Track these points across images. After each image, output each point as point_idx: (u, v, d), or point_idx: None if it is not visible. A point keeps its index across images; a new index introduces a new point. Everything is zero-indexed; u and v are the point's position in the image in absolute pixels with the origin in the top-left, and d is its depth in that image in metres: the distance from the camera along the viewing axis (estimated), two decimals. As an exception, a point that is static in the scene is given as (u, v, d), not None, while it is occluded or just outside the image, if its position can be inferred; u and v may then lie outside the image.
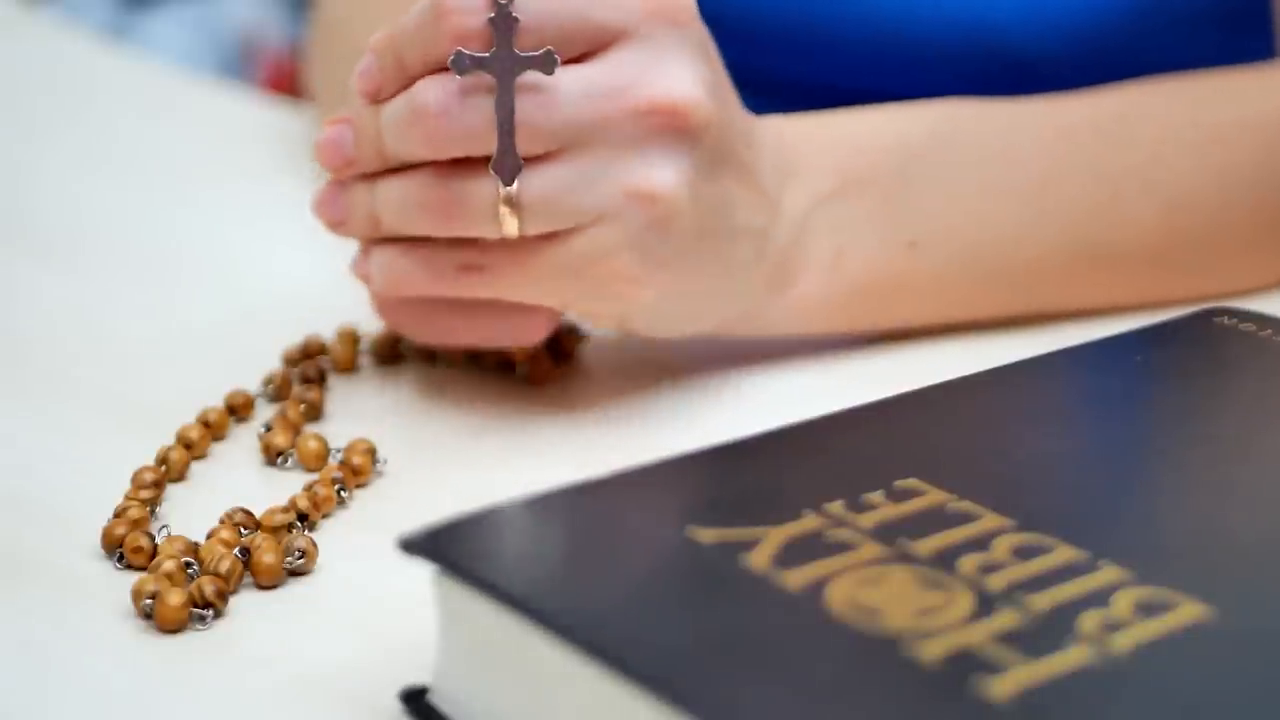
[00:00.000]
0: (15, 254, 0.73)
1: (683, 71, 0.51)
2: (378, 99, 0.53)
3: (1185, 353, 0.51)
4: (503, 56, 0.50)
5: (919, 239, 0.58)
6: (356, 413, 0.57)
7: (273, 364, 0.60)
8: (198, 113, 0.93)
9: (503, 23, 0.50)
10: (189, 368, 0.61)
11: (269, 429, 0.54)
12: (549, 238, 0.51)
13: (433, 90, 0.50)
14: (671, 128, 0.51)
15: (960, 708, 0.33)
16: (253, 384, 0.58)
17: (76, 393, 0.59)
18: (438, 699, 0.40)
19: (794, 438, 0.45)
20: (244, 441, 0.55)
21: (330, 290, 0.62)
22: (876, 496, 0.41)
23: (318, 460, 0.53)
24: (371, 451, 0.53)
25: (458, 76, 0.50)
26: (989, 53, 0.67)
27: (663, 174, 0.51)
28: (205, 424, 0.55)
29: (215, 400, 0.56)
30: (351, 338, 0.60)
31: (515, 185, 0.50)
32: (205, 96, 0.97)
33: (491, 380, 0.59)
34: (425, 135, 0.51)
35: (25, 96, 0.96)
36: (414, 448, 0.54)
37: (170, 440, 0.53)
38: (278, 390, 0.58)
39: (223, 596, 0.45)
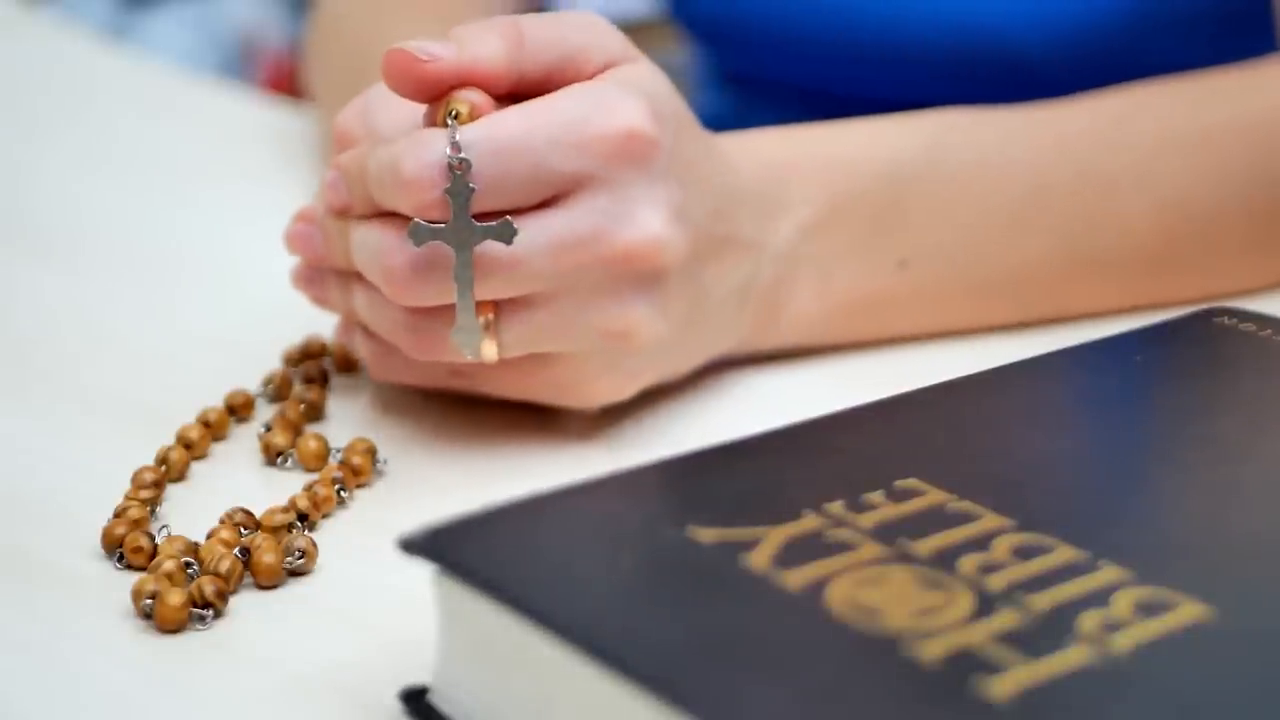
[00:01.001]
0: (15, 254, 0.73)
1: (648, 212, 0.50)
2: (344, 216, 0.53)
3: (1185, 353, 0.51)
4: (460, 229, 0.49)
5: (909, 258, 0.58)
6: (357, 413, 0.57)
7: (273, 364, 0.60)
8: (198, 113, 0.93)
9: (459, 195, 0.49)
10: (189, 368, 0.61)
11: (269, 429, 0.54)
12: (532, 356, 0.52)
13: (396, 254, 0.50)
14: (641, 272, 0.50)
15: (960, 708, 0.33)
16: (253, 384, 0.58)
17: (76, 393, 0.59)
18: (438, 699, 0.40)
19: (794, 438, 0.45)
20: (244, 441, 0.55)
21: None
22: (876, 496, 0.41)
23: (318, 460, 0.53)
24: (371, 451, 0.53)
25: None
26: (985, 56, 0.67)
27: (635, 312, 0.51)
28: (205, 424, 0.55)
29: (215, 400, 0.56)
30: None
31: (491, 318, 0.51)
32: (205, 96, 0.97)
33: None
34: (393, 293, 0.51)
35: (25, 96, 0.96)
36: (414, 448, 0.54)
37: (170, 440, 0.53)
38: (278, 390, 0.58)
39: (223, 596, 0.45)
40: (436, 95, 0.50)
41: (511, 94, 0.51)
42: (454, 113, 0.50)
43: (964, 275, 0.59)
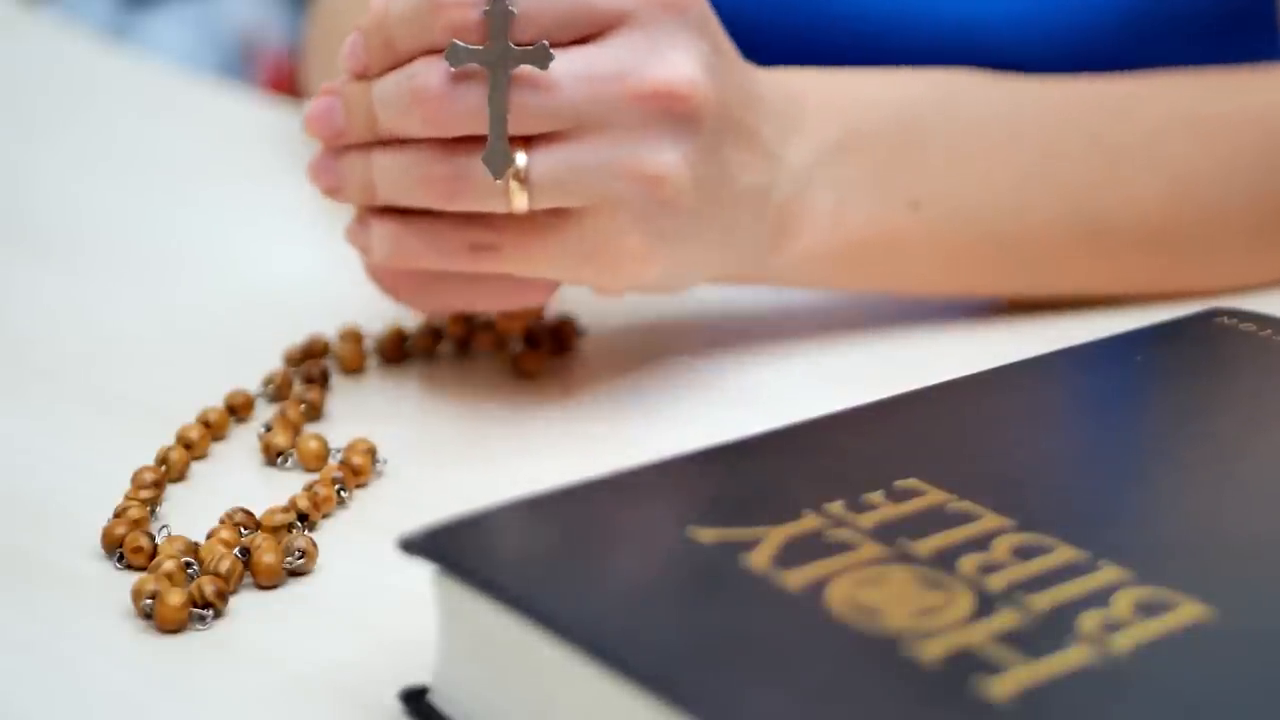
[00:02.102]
0: (15, 254, 0.73)
1: (682, 55, 0.51)
2: (365, 76, 0.53)
3: (1185, 353, 0.51)
4: (497, 51, 0.50)
5: (921, 199, 0.58)
6: (357, 413, 0.57)
7: (273, 364, 0.60)
8: (198, 113, 0.93)
9: (498, 16, 0.50)
10: (189, 368, 0.61)
11: (269, 429, 0.54)
12: (557, 215, 0.52)
13: (430, 74, 0.50)
14: (672, 112, 0.51)
15: (960, 708, 0.33)
16: (253, 384, 0.58)
17: (76, 393, 0.59)
18: (438, 699, 0.40)
19: (794, 438, 0.45)
20: (244, 441, 0.55)
21: (330, 290, 0.62)
22: (876, 496, 0.41)
23: (318, 460, 0.53)
24: (371, 451, 0.53)
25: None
26: (983, 58, 0.67)
27: (666, 156, 0.51)
28: (205, 424, 0.55)
29: (215, 400, 0.56)
30: (356, 337, 0.60)
31: (523, 160, 0.50)
32: (205, 96, 0.97)
33: (491, 380, 0.59)
34: (424, 117, 0.51)
35: (25, 96, 0.96)
36: (414, 448, 0.54)
37: (170, 440, 0.53)
38: (278, 390, 0.58)
39: (223, 596, 0.45)
40: None
41: None
42: None
43: (973, 226, 0.59)
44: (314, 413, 0.56)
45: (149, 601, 0.44)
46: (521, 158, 0.51)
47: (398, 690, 0.41)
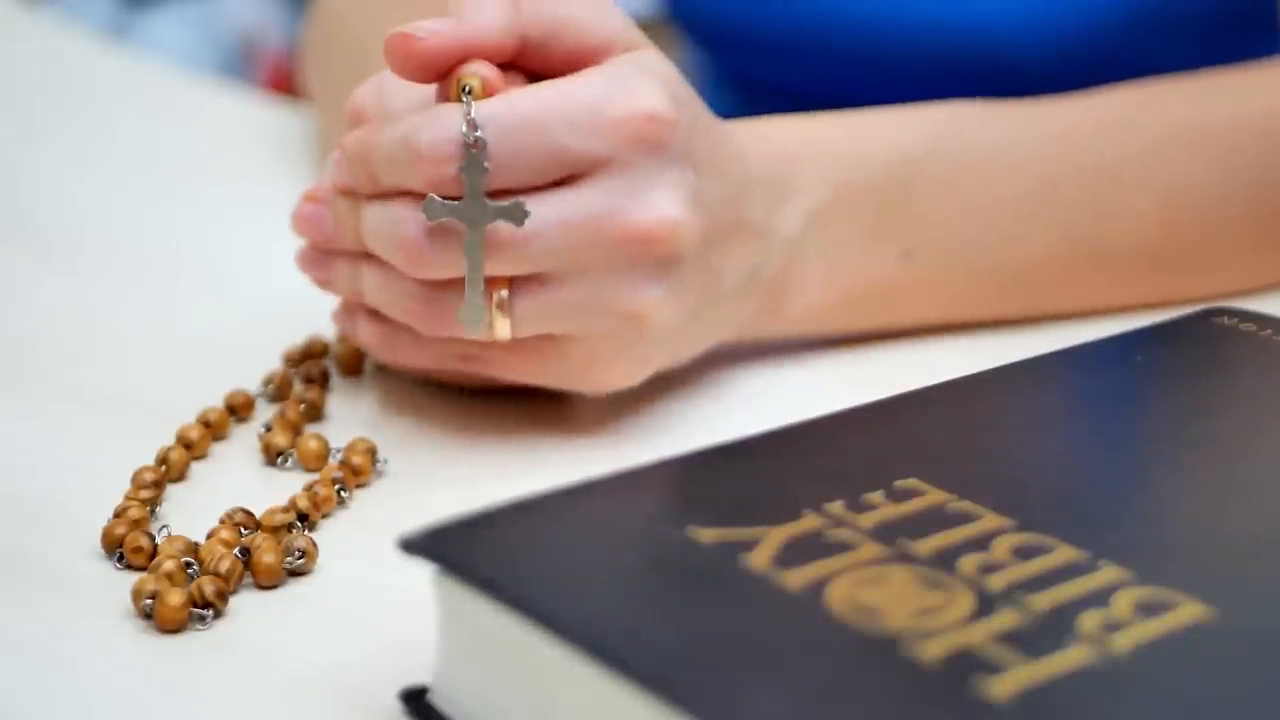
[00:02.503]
0: (15, 254, 0.73)
1: (660, 196, 0.50)
2: (353, 195, 0.53)
3: (1185, 353, 0.51)
4: (473, 207, 0.49)
5: (914, 248, 0.58)
6: (357, 413, 0.57)
7: (273, 364, 0.60)
8: (198, 113, 0.93)
9: (473, 171, 0.49)
10: (189, 368, 0.61)
11: (269, 429, 0.54)
12: (544, 337, 0.52)
13: (409, 223, 0.50)
14: (653, 254, 0.50)
15: (960, 708, 0.33)
16: (253, 384, 0.58)
17: (76, 393, 0.59)
18: (438, 699, 0.40)
19: (794, 438, 0.45)
20: (244, 441, 0.55)
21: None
22: (876, 496, 0.41)
23: (318, 460, 0.53)
24: (371, 451, 0.53)
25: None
26: (983, 61, 0.67)
27: (648, 294, 0.51)
28: (205, 424, 0.55)
29: (215, 400, 0.56)
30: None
31: (505, 294, 0.51)
32: (205, 96, 0.97)
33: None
34: (405, 262, 0.51)
35: (25, 96, 0.96)
36: (414, 448, 0.54)
37: (170, 440, 0.53)
38: (278, 390, 0.58)
39: (223, 596, 0.45)
40: (441, 73, 0.51)
41: (514, 64, 0.51)
42: (467, 88, 0.50)
43: (968, 266, 0.59)
44: (314, 413, 0.56)
45: (149, 601, 0.44)
46: (504, 292, 0.51)
47: (398, 690, 0.41)
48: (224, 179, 0.82)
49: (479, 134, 0.49)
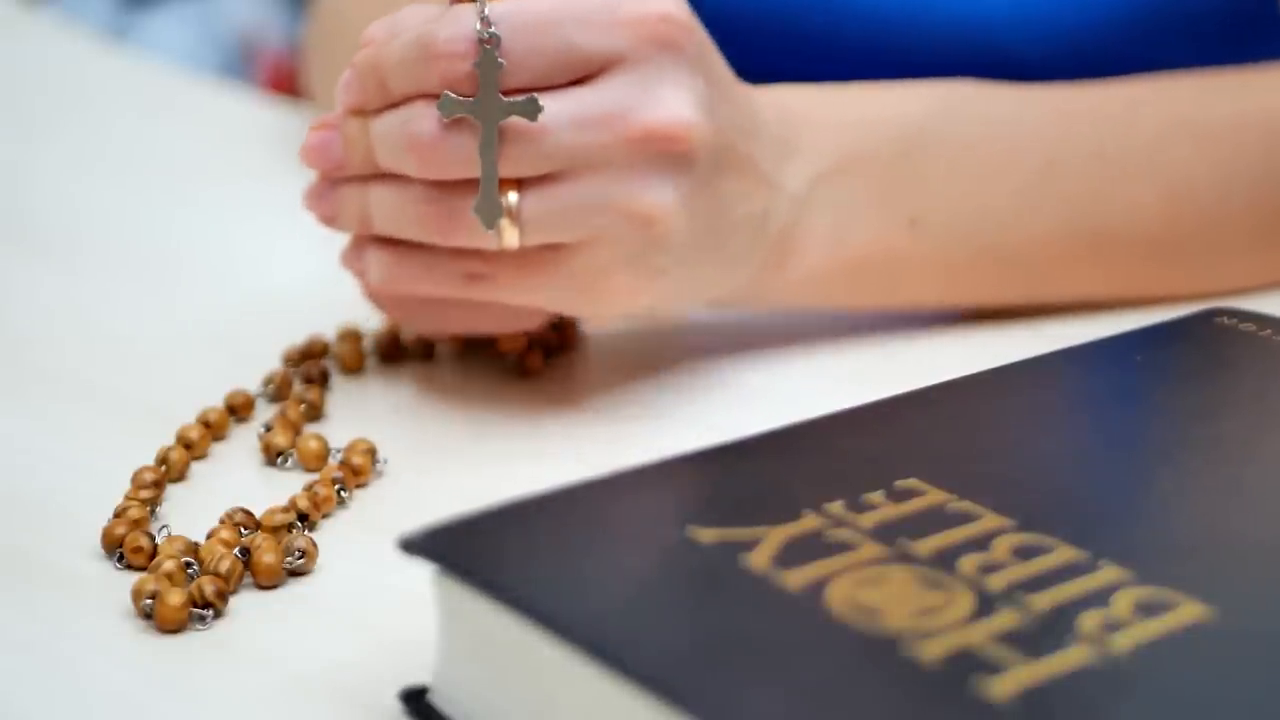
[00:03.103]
0: (15, 254, 0.73)
1: (675, 95, 0.50)
2: (363, 112, 0.53)
3: (1185, 353, 0.51)
4: (487, 103, 0.50)
5: (919, 216, 0.58)
6: (357, 413, 0.57)
7: (273, 364, 0.60)
8: (198, 113, 0.93)
9: (488, 67, 0.50)
10: (189, 368, 0.61)
11: (269, 429, 0.54)
12: (550, 249, 0.52)
13: (423, 121, 0.50)
14: (666, 153, 0.51)
15: (960, 708, 0.33)
16: (253, 384, 0.58)
17: (76, 393, 0.59)
18: (438, 699, 0.40)
19: (794, 438, 0.45)
20: (244, 441, 0.55)
21: (330, 290, 0.62)
22: (876, 496, 0.41)
23: (318, 460, 0.53)
24: (371, 451, 0.53)
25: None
26: (983, 57, 0.67)
27: (659, 196, 0.51)
28: (205, 424, 0.55)
29: (215, 400, 0.56)
30: (355, 337, 0.60)
31: (515, 198, 0.50)
32: (205, 96, 0.97)
33: (491, 380, 0.59)
34: (418, 161, 0.51)
35: (25, 96, 0.96)
36: (414, 448, 0.54)
37: (170, 440, 0.53)
38: (278, 390, 0.58)
39: (223, 596, 0.45)
40: None
41: None
42: None
43: (972, 240, 0.59)
44: (314, 413, 0.56)
45: (149, 601, 0.44)
46: (513, 196, 0.51)
47: (398, 690, 0.41)
48: (224, 179, 0.82)
49: (494, 30, 0.49)
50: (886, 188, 0.58)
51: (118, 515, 0.49)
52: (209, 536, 0.48)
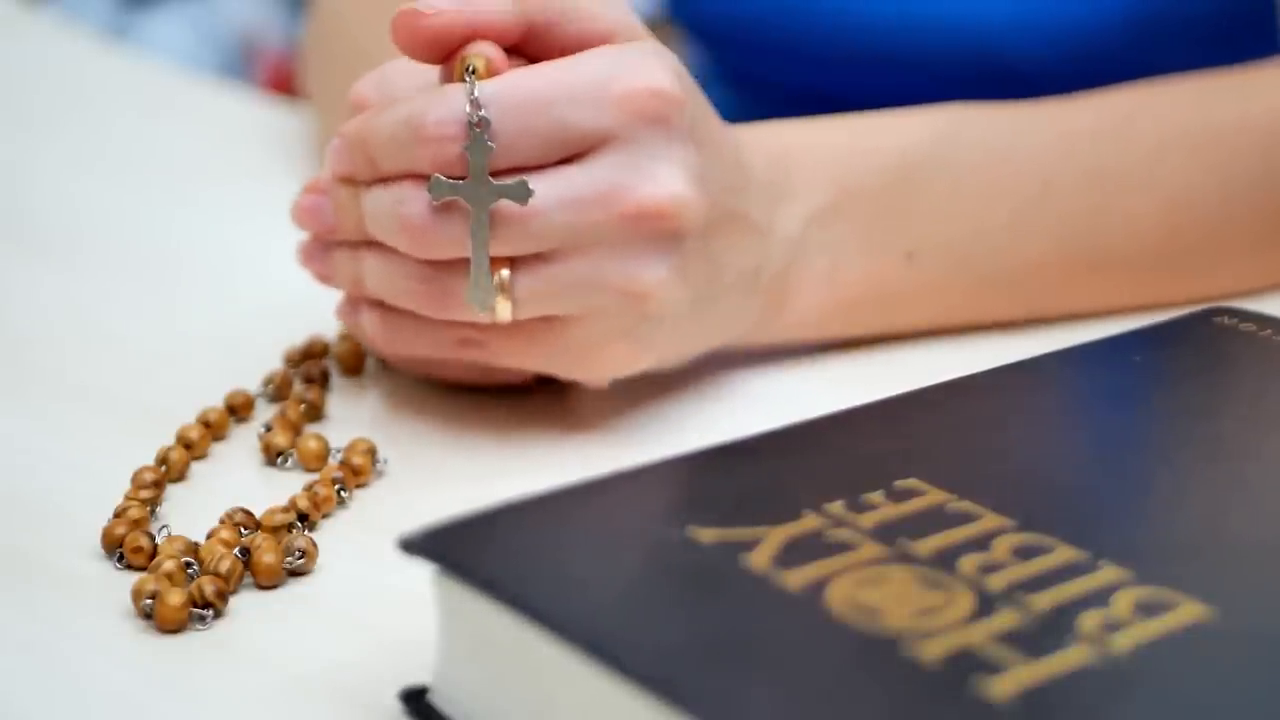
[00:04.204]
0: (15, 254, 0.73)
1: (667, 171, 0.50)
2: (353, 180, 0.53)
3: (1185, 353, 0.51)
4: (477, 187, 0.49)
5: (916, 250, 0.58)
6: (357, 413, 0.57)
7: (273, 364, 0.60)
8: (198, 113, 0.93)
9: (478, 152, 0.49)
10: (189, 368, 0.61)
11: (269, 429, 0.54)
12: (545, 320, 0.52)
13: (414, 203, 0.50)
14: (659, 230, 0.50)
15: (960, 708, 0.33)
16: (253, 384, 0.58)
17: (76, 393, 0.59)
18: (438, 699, 0.40)
19: (794, 438, 0.45)
20: (244, 441, 0.55)
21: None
22: (876, 496, 0.41)
23: (318, 460, 0.53)
24: (371, 451, 0.53)
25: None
26: (981, 60, 0.67)
27: (653, 272, 0.51)
28: (205, 424, 0.55)
29: (215, 400, 0.56)
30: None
31: (508, 274, 0.50)
32: (205, 96, 0.97)
33: (491, 380, 0.59)
34: (410, 243, 0.50)
35: (25, 96, 0.96)
36: (414, 448, 0.54)
37: (170, 440, 0.53)
38: (278, 390, 0.58)
39: (223, 596, 0.45)
40: (448, 53, 0.51)
41: (517, 49, 0.51)
42: (471, 68, 0.50)
43: (970, 269, 0.59)
44: (314, 413, 0.56)
45: (149, 601, 0.44)
46: (505, 272, 0.50)
47: (398, 690, 0.41)
48: (224, 179, 0.82)
49: (483, 113, 0.49)
50: (882, 223, 0.58)
51: (118, 515, 0.49)
52: (209, 536, 0.48)
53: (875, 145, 0.58)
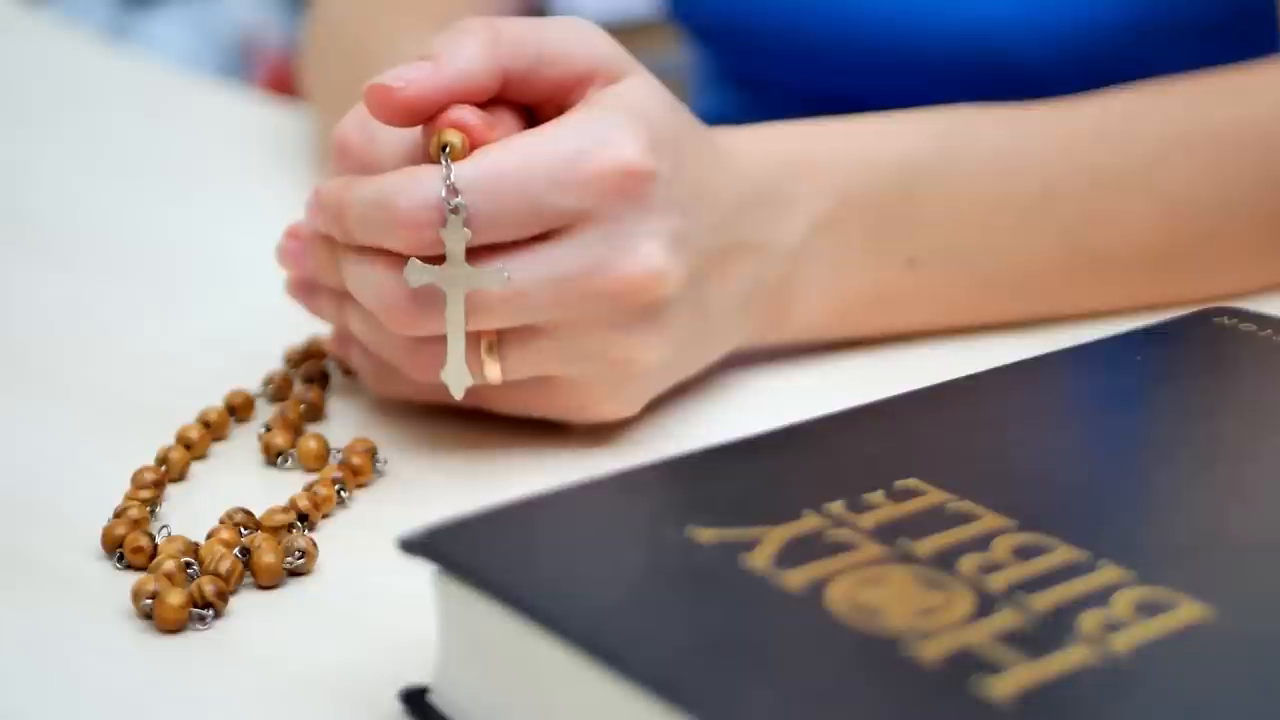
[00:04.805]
0: (14, 254, 0.73)
1: (646, 245, 0.50)
2: (332, 241, 0.52)
3: (1185, 353, 0.51)
4: (454, 272, 0.49)
5: (917, 255, 0.58)
6: (357, 413, 0.57)
7: (273, 364, 0.60)
8: (198, 113, 0.93)
9: (454, 235, 0.49)
10: (189, 368, 0.61)
11: (269, 429, 0.54)
12: (537, 379, 0.52)
13: (390, 288, 0.50)
14: (643, 304, 0.50)
15: (960, 708, 0.33)
16: (253, 384, 0.58)
17: (76, 393, 0.59)
18: (438, 699, 0.40)
19: (794, 438, 0.45)
20: (244, 441, 0.55)
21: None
22: (876, 496, 0.41)
23: (318, 460, 0.53)
24: (371, 451, 0.53)
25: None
26: (986, 62, 0.67)
27: (639, 340, 0.51)
28: (205, 424, 0.55)
29: (215, 400, 0.56)
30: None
31: (495, 339, 0.50)
32: (205, 96, 0.97)
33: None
34: (388, 321, 0.50)
35: (25, 96, 0.96)
36: (414, 448, 0.54)
37: (170, 440, 0.53)
38: (278, 390, 0.58)
39: (223, 596, 0.45)
40: (426, 117, 0.50)
41: (499, 96, 0.51)
42: (446, 147, 0.49)
43: (972, 273, 0.59)
44: (314, 413, 0.56)
45: (149, 601, 0.44)
46: (493, 339, 0.51)
47: (398, 690, 0.41)
48: (224, 179, 0.82)
49: (459, 200, 0.48)
50: (883, 231, 0.58)
51: (118, 515, 0.49)
52: (209, 536, 0.48)
53: (876, 151, 0.58)
